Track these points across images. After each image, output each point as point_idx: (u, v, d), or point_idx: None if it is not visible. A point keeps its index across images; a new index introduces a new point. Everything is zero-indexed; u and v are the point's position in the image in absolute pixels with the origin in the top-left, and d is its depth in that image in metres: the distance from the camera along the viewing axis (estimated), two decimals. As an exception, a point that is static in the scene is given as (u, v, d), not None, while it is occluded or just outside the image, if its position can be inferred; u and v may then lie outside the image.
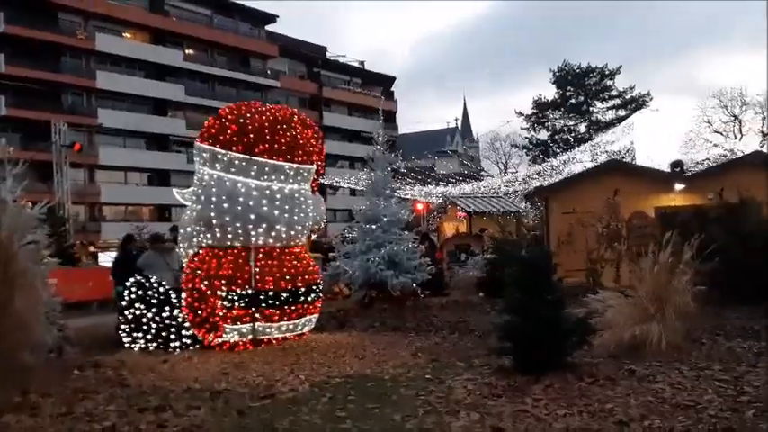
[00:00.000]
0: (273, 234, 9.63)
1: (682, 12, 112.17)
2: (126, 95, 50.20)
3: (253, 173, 9.51)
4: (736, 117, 56.36)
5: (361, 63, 72.56)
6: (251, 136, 9.43)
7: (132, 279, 10.01)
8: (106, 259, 40.84)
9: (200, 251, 9.68)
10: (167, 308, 9.79)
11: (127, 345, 9.79)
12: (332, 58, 68.55)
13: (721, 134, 54.60)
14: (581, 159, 41.54)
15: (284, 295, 9.54)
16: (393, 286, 14.60)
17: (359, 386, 7.02)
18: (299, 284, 9.75)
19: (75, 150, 25.71)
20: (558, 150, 61.69)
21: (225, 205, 9.43)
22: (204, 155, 9.70)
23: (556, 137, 64.35)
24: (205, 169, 9.71)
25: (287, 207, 9.68)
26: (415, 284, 14.77)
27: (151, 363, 8.77)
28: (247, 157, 9.45)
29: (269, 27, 62.96)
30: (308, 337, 10.18)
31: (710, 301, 9.20)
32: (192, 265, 9.56)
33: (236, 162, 9.47)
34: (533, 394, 6.28)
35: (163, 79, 52.49)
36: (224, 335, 9.40)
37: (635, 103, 62.30)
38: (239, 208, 9.43)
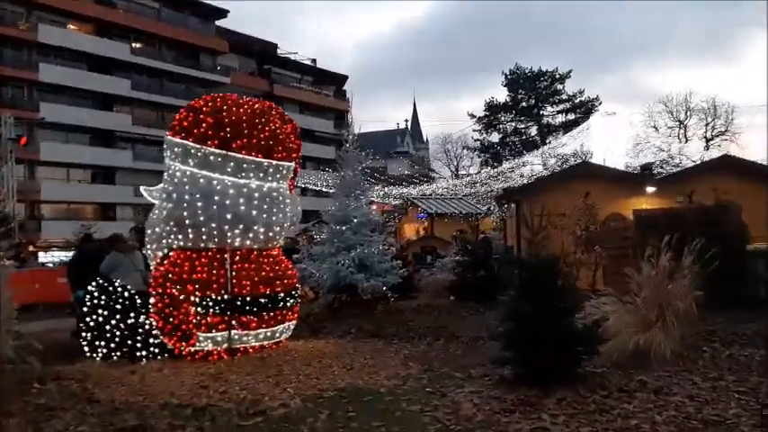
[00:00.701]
0: (251, 235, 9.01)
1: (622, 22, 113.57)
2: (69, 89, 48.18)
3: (229, 169, 8.85)
4: (681, 122, 57.71)
5: (313, 61, 71.66)
6: (228, 130, 8.78)
7: (94, 282, 9.27)
8: (48, 259, 39.43)
9: (171, 253, 9.00)
10: (133, 314, 9.09)
11: (88, 354, 9.03)
12: (283, 56, 67.44)
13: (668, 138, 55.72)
14: (539, 162, 41.80)
15: (262, 301, 8.92)
16: (364, 290, 14.11)
17: (355, 401, 6.49)
18: (278, 289, 9.15)
19: (22, 144, 24.37)
20: (512, 153, 62.14)
21: (199, 204, 8.75)
22: (176, 149, 9.00)
23: (507, 139, 64.80)
24: (176, 165, 9.01)
25: (265, 207, 9.06)
26: (385, 288, 14.33)
27: (118, 374, 8.06)
28: (224, 152, 8.79)
29: (219, 22, 61.52)
30: (285, 346, 9.57)
31: (702, 305, 8.98)
32: (163, 269, 8.85)
33: (212, 158, 8.80)
34: (547, 409, 5.86)
35: (109, 73, 50.64)
36: (197, 343, 8.73)
37: (584, 107, 63.18)
38: (215, 207, 8.76)
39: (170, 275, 8.71)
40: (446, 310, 13.56)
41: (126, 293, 9.19)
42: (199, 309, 8.62)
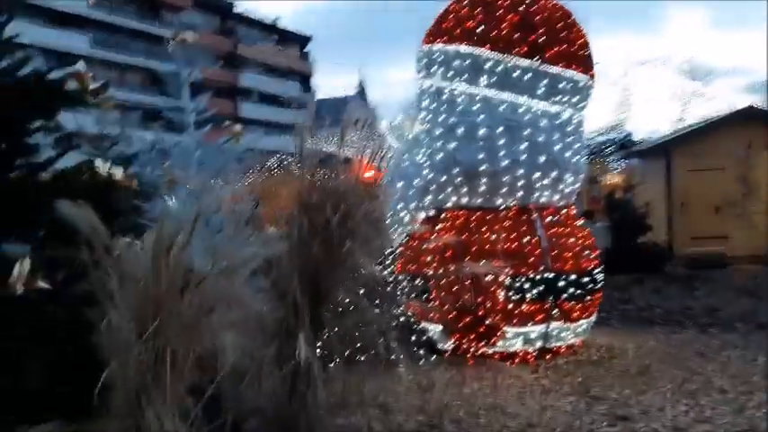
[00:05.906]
0: (560, 187, 6.31)
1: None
2: (22, 45, 43.24)
3: (541, 91, 6.09)
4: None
5: (275, 20, 67.26)
6: (540, 32, 6.01)
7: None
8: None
9: (447, 215, 6.23)
10: (376, 299, 6.32)
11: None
12: (247, 13, 63.00)
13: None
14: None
15: (586, 280, 6.25)
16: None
17: None
18: (595, 263, 6.49)
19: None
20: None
21: (501, 142, 5.99)
22: (456, 63, 6.15)
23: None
24: (457, 86, 6.19)
25: (577, 146, 6.37)
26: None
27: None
28: (536, 65, 6.02)
29: (178, -24, 56.75)
30: (586, 343, 6.91)
31: None
32: (449, 236, 6.07)
33: (519, 73, 6.01)
34: None
35: (65, 28, 45.80)
36: (500, 342, 6.01)
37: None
38: (523, 147, 6.02)
39: (463, 247, 5.93)
40: (631, 284, 11.14)
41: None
42: (511, 293, 5.89)
